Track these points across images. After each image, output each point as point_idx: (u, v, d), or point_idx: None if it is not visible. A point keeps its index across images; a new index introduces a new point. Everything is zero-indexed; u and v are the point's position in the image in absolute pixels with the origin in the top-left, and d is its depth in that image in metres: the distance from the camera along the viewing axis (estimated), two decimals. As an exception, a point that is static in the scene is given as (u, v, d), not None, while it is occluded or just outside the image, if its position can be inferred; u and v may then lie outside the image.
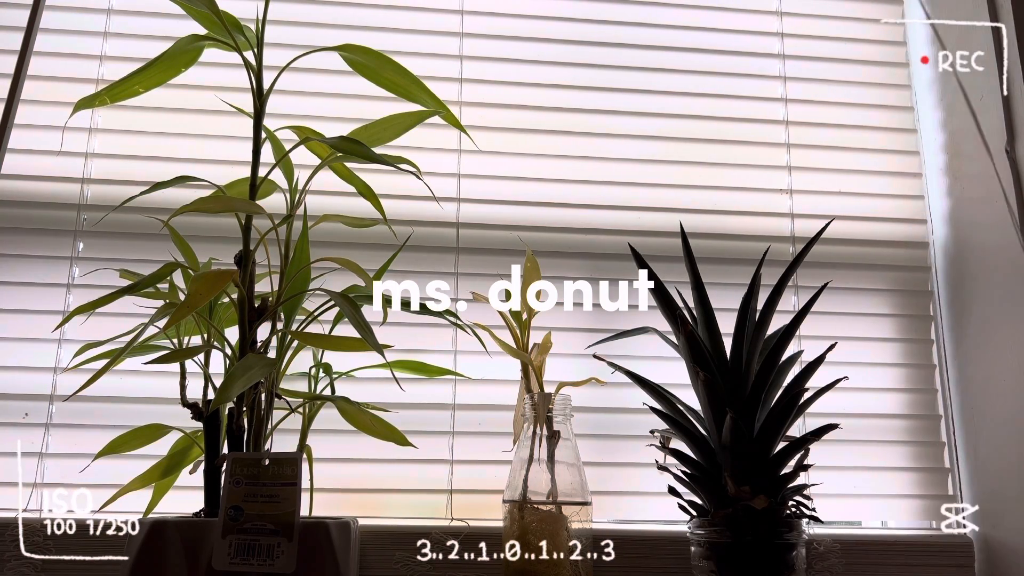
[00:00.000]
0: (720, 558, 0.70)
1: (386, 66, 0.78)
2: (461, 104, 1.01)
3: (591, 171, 1.02)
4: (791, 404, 0.73)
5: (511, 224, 0.99)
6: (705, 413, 0.75)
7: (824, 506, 0.78)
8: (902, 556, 0.92)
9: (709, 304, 0.78)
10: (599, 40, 1.07)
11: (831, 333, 0.94)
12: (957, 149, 1.03)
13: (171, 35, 0.78)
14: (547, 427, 0.76)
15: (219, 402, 0.67)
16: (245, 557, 0.64)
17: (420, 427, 0.90)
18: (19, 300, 0.91)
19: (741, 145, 1.06)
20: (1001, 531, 0.91)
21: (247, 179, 0.76)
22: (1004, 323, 0.93)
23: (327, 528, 0.67)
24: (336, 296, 0.70)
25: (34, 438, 0.88)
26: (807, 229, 1.02)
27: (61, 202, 0.94)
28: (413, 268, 0.95)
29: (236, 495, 0.66)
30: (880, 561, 0.92)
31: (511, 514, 0.74)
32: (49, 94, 0.96)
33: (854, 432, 0.96)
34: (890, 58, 1.11)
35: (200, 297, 0.63)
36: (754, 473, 0.72)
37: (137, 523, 0.69)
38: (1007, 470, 0.91)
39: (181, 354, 0.73)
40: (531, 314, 0.83)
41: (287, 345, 0.76)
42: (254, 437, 0.71)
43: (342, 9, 1.03)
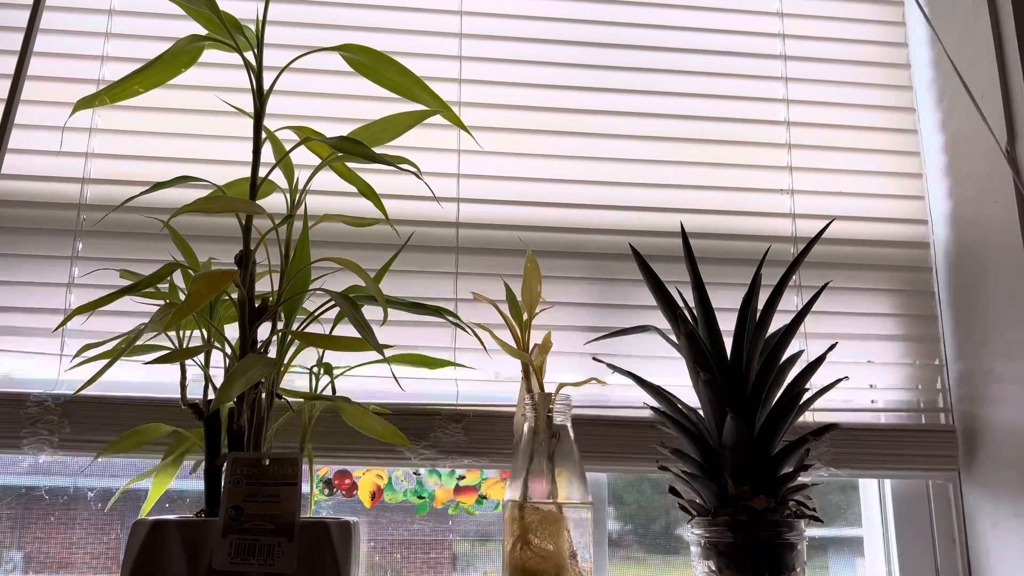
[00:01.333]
0: (720, 558, 0.70)
1: (387, 66, 0.78)
2: (460, 104, 1.01)
3: (591, 171, 1.02)
4: (791, 404, 0.73)
5: (511, 224, 0.99)
6: (705, 413, 0.75)
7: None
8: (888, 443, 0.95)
9: (710, 304, 0.78)
10: (599, 41, 1.07)
11: (832, 331, 0.94)
12: (958, 150, 1.03)
13: (171, 36, 0.78)
14: (547, 427, 0.76)
15: (220, 402, 0.67)
16: (245, 557, 0.64)
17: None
18: (19, 299, 0.91)
19: (742, 146, 1.05)
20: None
21: (247, 179, 0.76)
22: (1007, 324, 0.93)
23: (327, 528, 0.67)
24: (336, 296, 0.70)
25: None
26: (808, 229, 1.02)
27: (61, 202, 0.94)
28: (413, 268, 0.95)
29: (236, 495, 0.66)
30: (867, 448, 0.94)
31: (511, 513, 0.74)
32: (49, 94, 0.96)
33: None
34: (891, 59, 1.11)
35: (200, 297, 0.63)
36: (754, 473, 0.72)
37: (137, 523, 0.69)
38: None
39: (181, 354, 0.72)
40: (532, 314, 0.83)
41: (287, 345, 0.76)
42: (254, 437, 0.71)
43: (342, 10, 1.03)
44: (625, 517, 1.00)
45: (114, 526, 0.92)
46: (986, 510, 0.92)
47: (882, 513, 0.99)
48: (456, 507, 0.96)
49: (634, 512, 1.00)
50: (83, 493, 0.93)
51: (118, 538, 0.92)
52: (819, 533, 1.01)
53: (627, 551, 0.99)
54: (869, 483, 1.02)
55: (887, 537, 0.97)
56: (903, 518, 0.97)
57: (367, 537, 0.95)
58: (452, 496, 0.96)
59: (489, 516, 0.96)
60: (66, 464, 0.94)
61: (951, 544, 0.96)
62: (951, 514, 0.97)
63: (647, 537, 1.00)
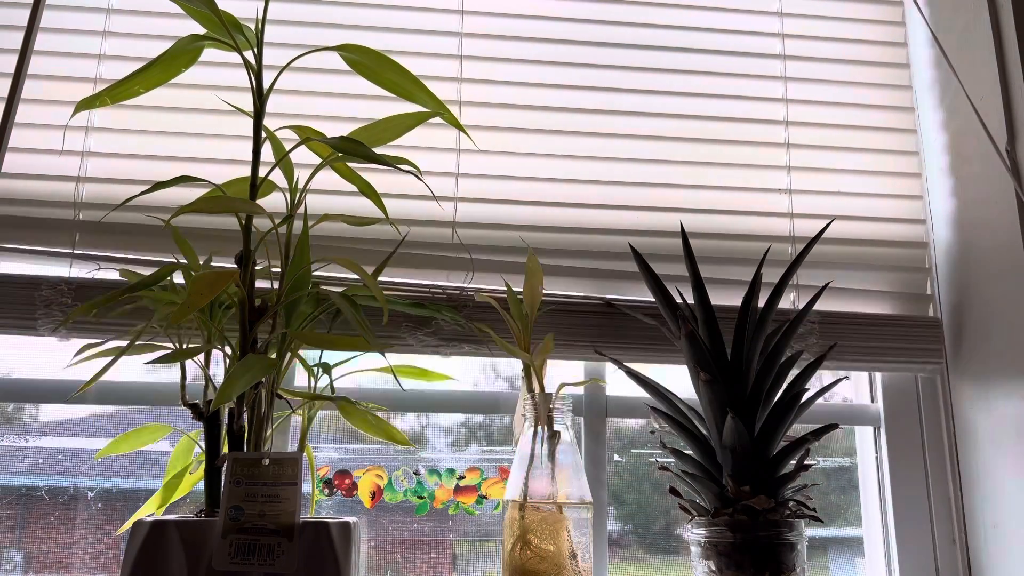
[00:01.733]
0: (720, 558, 0.70)
1: (386, 66, 0.78)
2: (461, 104, 1.01)
3: (591, 171, 1.02)
4: (791, 404, 0.73)
5: (510, 224, 0.99)
6: (706, 413, 0.75)
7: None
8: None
9: (710, 304, 0.78)
10: (598, 40, 1.07)
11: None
12: (958, 150, 1.03)
13: (171, 35, 0.78)
14: (548, 427, 0.76)
15: (220, 402, 0.67)
16: (246, 557, 0.64)
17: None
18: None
19: (741, 145, 1.05)
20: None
21: (247, 178, 0.76)
22: (1005, 324, 0.93)
23: (328, 528, 0.67)
24: (337, 296, 0.70)
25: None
26: (807, 229, 1.02)
27: (61, 201, 0.93)
28: (412, 267, 0.95)
29: (237, 495, 0.66)
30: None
31: (511, 513, 0.74)
32: (49, 94, 0.96)
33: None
34: (890, 59, 1.11)
35: (201, 297, 0.63)
36: (754, 473, 0.72)
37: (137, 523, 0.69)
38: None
39: (181, 354, 0.72)
40: (533, 314, 0.83)
41: (287, 345, 0.76)
42: (255, 437, 0.71)
43: (342, 9, 1.03)
44: (625, 517, 1.00)
45: (114, 526, 0.92)
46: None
47: (882, 513, 0.99)
48: (456, 507, 0.96)
49: (634, 512, 1.00)
50: (83, 493, 0.93)
51: (118, 538, 0.92)
52: (819, 533, 1.01)
53: (627, 551, 0.99)
54: (869, 483, 1.02)
55: (887, 537, 0.97)
56: (903, 518, 0.97)
57: (367, 537, 0.95)
58: (452, 496, 0.96)
59: (489, 516, 0.96)
60: (66, 464, 0.94)
61: (951, 544, 0.96)
62: (951, 515, 0.97)
63: (647, 537, 1.00)
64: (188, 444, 0.79)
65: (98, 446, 0.89)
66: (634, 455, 1.01)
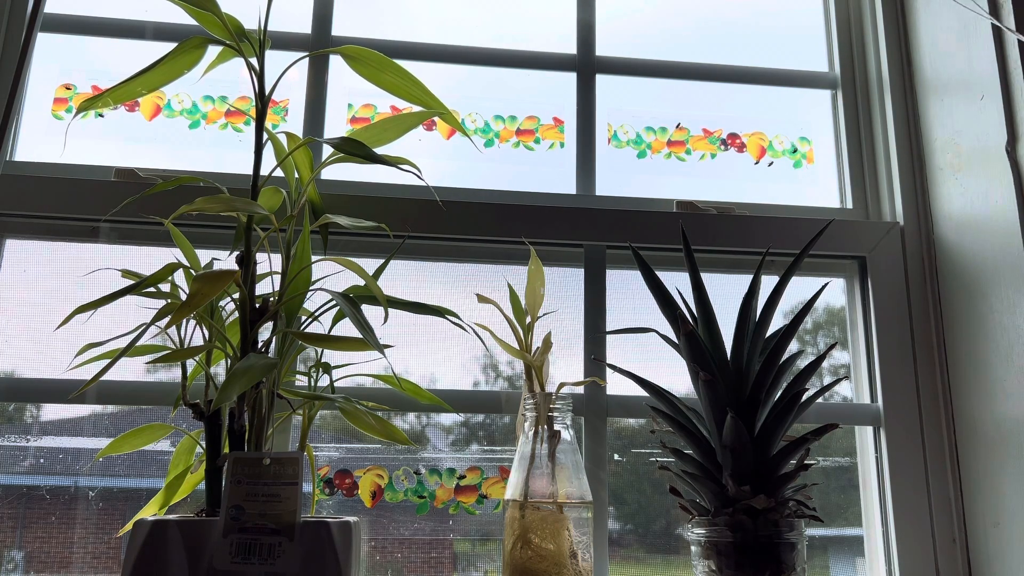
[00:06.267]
0: (720, 557, 0.70)
1: (386, 68, 0.78)
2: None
3: (591, 171, 1.02)
4: (791, 404, 0.73)
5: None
6: (706, 413, 0.75)
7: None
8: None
9: (709, 304, 0.78)
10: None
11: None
12: (957, 149, 1.03)
13: (174, 37, 0.78)
14: (548, 427, 0.76)
15: (220, 402, 0.67)
16: (246, 557, 0.64)
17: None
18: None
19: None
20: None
21: (248, 178, 0.76)
22: (1004, 323, 0.93)
23: (328, 527, 0.67)
24: (337, 296, 0.70)
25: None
26: (806, 229, 1.02)
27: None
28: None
29: (237, 494, 0.66)
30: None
31: (512, 513, 0.74)
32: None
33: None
34: (890, 58, 1.11)
35: (202, 297, 0.63)
36: (754, 473, 0.72)
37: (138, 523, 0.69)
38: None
39: (182, 354, 0.73)
40: (534, 316, 0.83)
41: (288, 345, 0.76)
42: (255, 437, 0.71)
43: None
44: (625, 516, 1.00)
45: (115, 526, 0.92)
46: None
47: (882, 513, 0.99)
48: (456, 506, 0.96)
49: (634, 511, 1.00)
50: (84, 493, 0.93)
51: (119, 538, 0.92)
52: (819, 533, 1.01)
53: (627, 550, 0.99)
54: (869, 483, 1.02)
55: (887, 537, 0.97)
56: (903, 518, 0.97)
57: (368, 537, 0.95)
58: (452, 495, 0.96)
59: (489, 516, 0.96)
60: (67, 464, 0.94)
61: (951, 543, 0.96)
62: (951, 515, 0.97)
63: (647, 536, 1.00)
64: (189, 444, 0.80)
65: (99, 446, 0.90)
66: (634, 455, 1.01)
